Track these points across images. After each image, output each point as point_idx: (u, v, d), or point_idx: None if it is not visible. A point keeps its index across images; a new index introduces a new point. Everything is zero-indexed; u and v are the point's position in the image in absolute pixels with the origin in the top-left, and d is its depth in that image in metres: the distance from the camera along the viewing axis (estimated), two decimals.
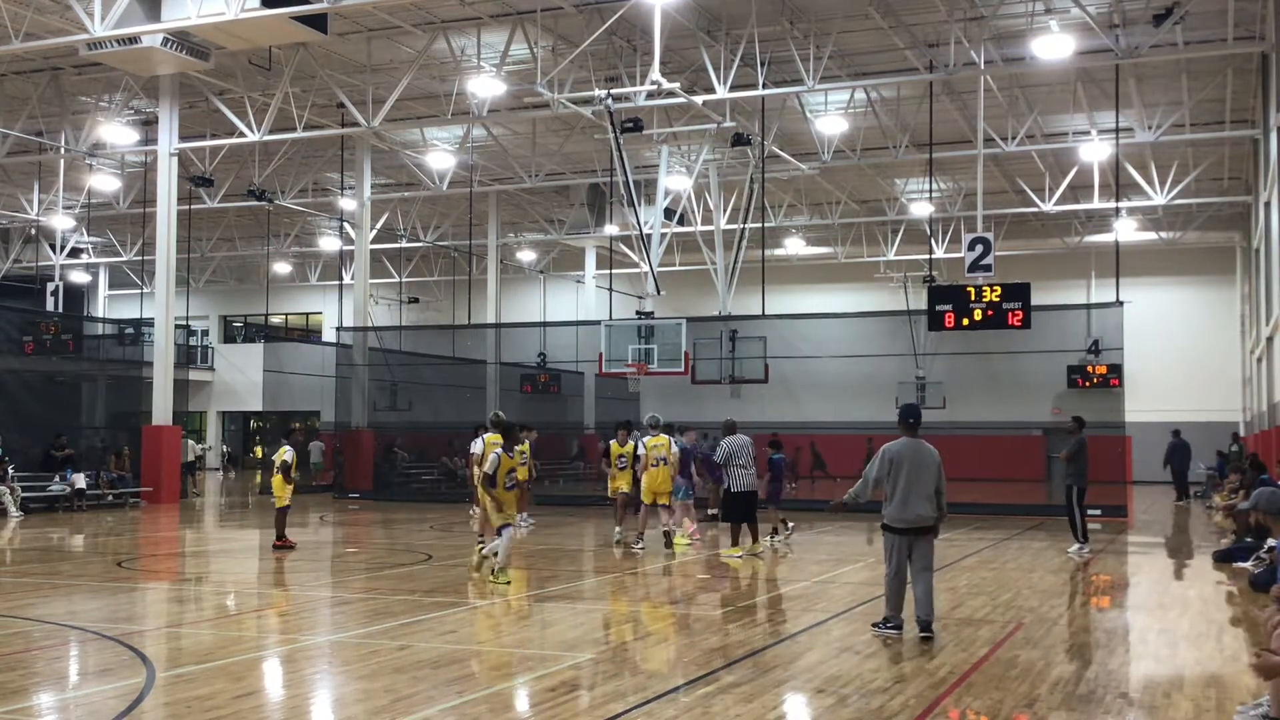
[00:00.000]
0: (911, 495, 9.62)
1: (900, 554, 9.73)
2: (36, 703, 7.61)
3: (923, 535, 9.76)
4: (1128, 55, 22.05)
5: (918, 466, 9.66)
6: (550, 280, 45.60)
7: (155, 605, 12.53)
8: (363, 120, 26.23)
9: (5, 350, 28.03)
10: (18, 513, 23.39)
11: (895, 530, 9.71)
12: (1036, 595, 12.72)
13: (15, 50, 22.55)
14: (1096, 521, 22.79)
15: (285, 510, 17.19)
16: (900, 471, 9.63)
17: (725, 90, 23.60)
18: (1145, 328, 35.61)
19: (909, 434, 9.85)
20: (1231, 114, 28.56)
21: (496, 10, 23.55)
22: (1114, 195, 28.39)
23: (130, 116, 30.43)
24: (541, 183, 34.65)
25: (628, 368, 26.48)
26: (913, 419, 9.92)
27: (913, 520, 9.67)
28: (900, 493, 9.62)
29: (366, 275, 34.65)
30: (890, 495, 9.67)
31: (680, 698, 7.59)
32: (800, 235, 41.76)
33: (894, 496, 9.65)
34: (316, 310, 51.35)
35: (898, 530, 9.71)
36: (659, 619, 11.34)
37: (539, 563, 16.16)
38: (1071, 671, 8.60)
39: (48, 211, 35.95)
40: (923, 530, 9.74)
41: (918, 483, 9.64)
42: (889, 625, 9.88)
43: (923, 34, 24.16)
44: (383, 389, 34.20)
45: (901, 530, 9.69)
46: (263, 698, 7.90)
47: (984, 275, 22.50)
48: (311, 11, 19.47)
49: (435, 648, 9.30)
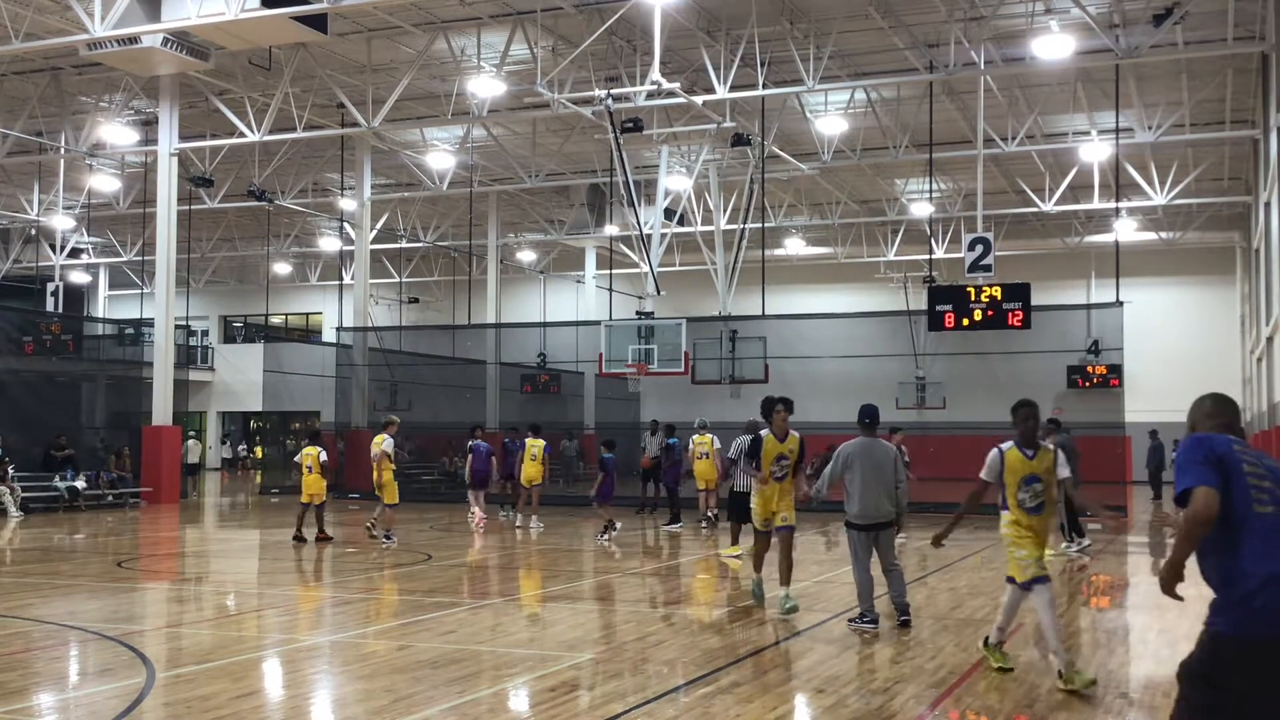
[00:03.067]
0: (870, 493, 10.05)
1: (865, 549, 10.18)
2: (36, 703, 7.61)
3: (885, 530, 10.22)
4: (1128, 55, 22.05)
5: (875, 464, 10.11)
6: (550, 280, 45.59)
7: (155, 605, 12.54)
8: (363, 120, 26.23)
9: (5, 350, 28.03)
10: (18, 513, 23.40)
11: (858, 527, 10.15)
12: None
13: (15, 50, 22.56)
14: (1096, 522, 22.80)
15: (322, 506, 18.20)
16: (856, 470, 10.06)
17: (725, 90, 23.60)
18: (1145, 328, 35.59)
19: (866, 433, 10.31)
20: (1231, 114, 28.56)
21: (496, 10, 23.55)
22: (1114, 195, 28.38)
23: (130, 116, 30.43)
24: (541, 183, 34.65)
25: (628, 368, 26.48)
26: (869, 419, 10.36)
27: (874, 516, 10.09)
28: (860, 491, 10.06)
29: (366, 275, 34.65)
30: (850, 494, 10.12)
31: (680, 698, 7.59)
32: (800, 235, 41.76)
33: (854, 495, 10.09)
34: (316, 310, 51.35)
35: (861, 527, 10.15)
36: (659, 619, 11.34)
37: (539, 563, 16.17)
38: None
39: (48, 212, 35.94)
40: (884, 525, 10.19)
41: (876, 480, 10.06)
42: (865, 620, 10.17)
43: (923, 34, 24.16)
44: (383, 389, 34.19)
45: (864, 526, 10.14)
46: (263, 698, 7.90)
47: (984, 275, 22.49)
48: (311, 11, 19.48)
49: (435, 648, 9.30)
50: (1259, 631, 3.89)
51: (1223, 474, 4.06)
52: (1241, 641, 3.91)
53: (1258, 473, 4.09)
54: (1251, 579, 3.92)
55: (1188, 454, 4.15)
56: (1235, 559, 3.99)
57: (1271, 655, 3.87)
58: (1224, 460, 4.08)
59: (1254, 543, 3.98)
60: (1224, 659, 3.95)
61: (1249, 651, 3.89)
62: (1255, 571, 3.93)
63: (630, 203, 28.67)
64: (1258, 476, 4.08)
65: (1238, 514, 4.01)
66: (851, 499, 10.09)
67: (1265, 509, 4.01)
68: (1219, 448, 4.14)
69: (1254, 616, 3.89)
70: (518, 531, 20.40)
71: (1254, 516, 4.01)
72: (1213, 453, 4.11)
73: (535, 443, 21.16)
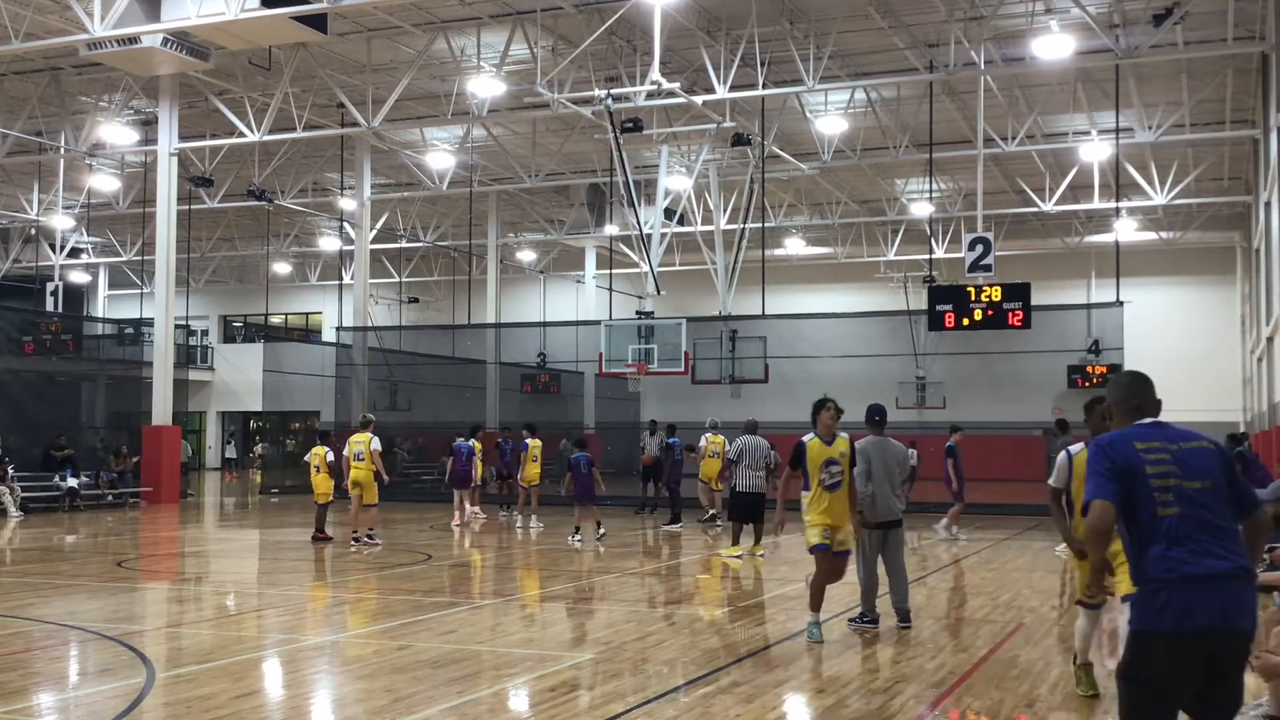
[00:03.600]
0: (884, 491, 10.02)
1: (874, 549, 10.08)
2: (36, 703, 7.61)
3: (894, 529, 10.13)
4: (1128, 55, 22.04)
5: (887, 463, 10.07)
6: (550, 280, 45.59)
7: (155, 605, 12.54)
8: (363, 120, 26.23)
9: (5, 350, 28.03)
10: (18, 513, 23.40)
11: (869, 525, 10.03)
12: (1036, 595, 12.72)
13: (15, 50, 22.54)
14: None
15: (325, 506, 18.12)
16: (869, 469, 9.99)
17: (725, 90, 23.59)
18: (1145, 328, 35.57)
19: (875, 431, 10.22)
20: (1231, 114, 28.56)
21: (496, 10, 23.55)
22: (1114, 195, 28.39)
23: (130, 116, 30.43)
24: (541, 183, 34.64)
25: (628, 368, 26.46)
26: (879, 417, 10.28)
27: (885, 515, 10.03)
28: (873, 489, 9.98)
29: (366, 275, 34.65)
30: (863, 491, 9.99)
31: (680, 698, 7.59)
32: (800, 235, 41.76)
33: (866, 492, 9.98)
34: (316, 310, 51.34)
35: (871, 525, 10.03)
36: (659, 619, 11.34)
37: (539, 562, 16.17)
38: (1072, 671, 8.59)
39: (48, 211, 35.93)
40: (895, 524, 10.12)
41: (888, 479, 10.04)
42: (865, 620, 10.15)
43: (923, 34, 24.15)
44: (383, 389, 34.19)
45: (875, 525, 10.03)
46: (263, 698, 7.89)
47: (984, 275, 22.49)
48: (311, 11, 19.47)
49: (435, 648, 9.29)
50: (1166, 626, 4.13)
51: (1125, 483, 4.25)
52: (1154, 636, 4.16)
53: (1161, 472, 4.25)
54: (1159, 579, 4.15)
55: (1092, 464, 4.35)
56: (1144, 561, 4.22)
57: (1182, 648, 4.13)
58: (1128, 467, 4.26)
59: (1159, 545, 4.18)
60: (1143, 655, 4.21)
61: (1163, 647, 4.15)
62: (1161, 571, 4.16)
63: (630, 203, 28.66)
64: (1161, 476, 4.24)
65: (1143, 518, 4.23)
66: (863, 497, 10.01)
67: (1169, 510, 4.20)
68: (1122, 455, 4.30)
69: (1162, 613, 4.13)
70: (517, 531, 20.40)
71: (1158, 520, 4.20)
72: (1115, 463, 4.28)
73: (535, 443, 21.17)
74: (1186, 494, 4.21)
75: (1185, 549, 4.15)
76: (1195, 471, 4.27)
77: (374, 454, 17.30)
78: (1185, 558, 4.14)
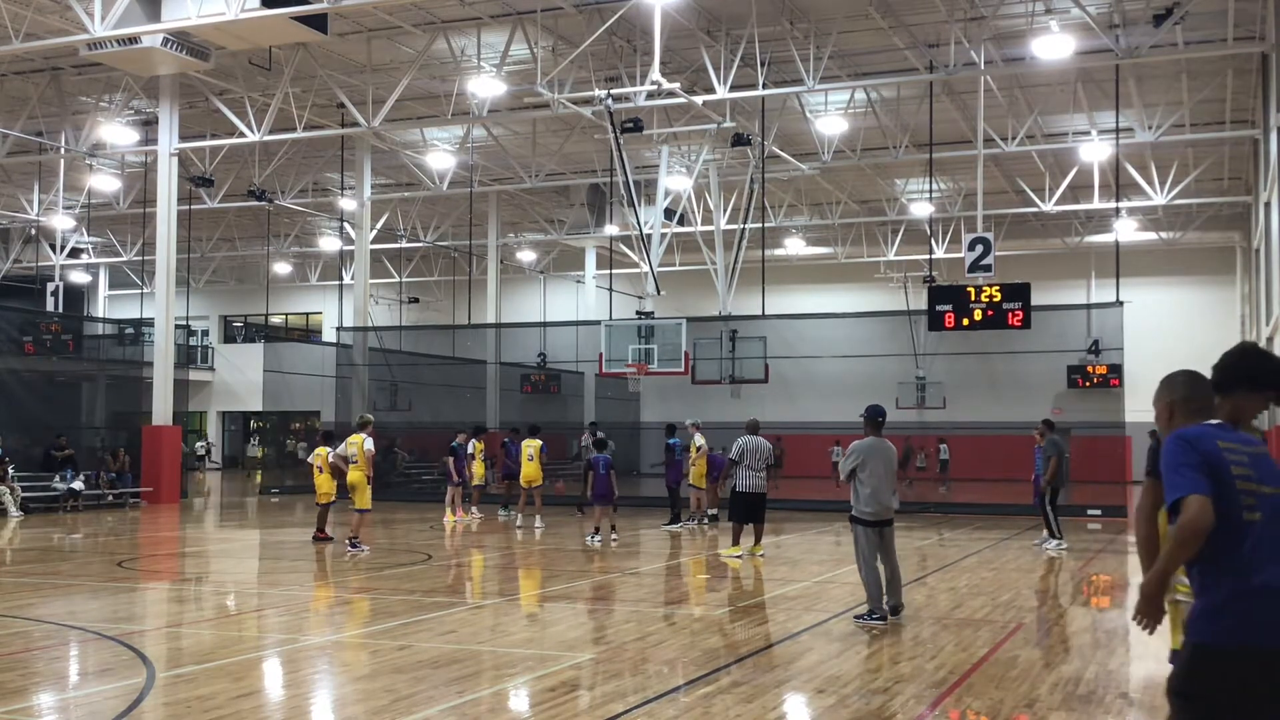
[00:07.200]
0: (881, 489, 10.45)
1: (872, 546, 10.43)
2: (36, 703, 7.61)
3: (889, 526, 10.60)
4: (1128, 55, 22.05)
5: (884, 462, 10.51)
6: (550, 280, 45.60)
7: (155, 605, 12.54)
8: (363, 120, 26.23)
9: (5, 350, 28.03)
10: (18, 513, 23.40)
11: (867, 522, 10.45)
12: (1036, 595, 12.73)
13: (15, 50, 22.54)
14: (1096, 521, 22.82)
15: (327, 506, 18.18)
16: (869, 468, 10.42)
17: (725, 90, 23.59)
18: (1145, 328, 35.59)
19: (875, 432, 10.65)
20: (1231, 114, 28.57)
21: (496, 10, 23.55)
22: (1114, 195, 28.38)
23: (130, 116, 30.44)
24: (541, 183, 34.63)
25: (628, 368, 26.47)
26: (880, 417, 10.72)
27: (882, 512, 10.47)
28: (871, 487, 10.41)
29: (366, 275, 34.65)
30: (861, 491, 10.44)
31: (680, 698, 7.59)
32: (800, 235, 41.75)
33: (867, 491, 10.42)
34: (316, 310, 51.37)
35: (869, 522, 10.45)
36: (659, 619, 11.34)
37: (539, 562, 16.17)
38: (1071, 671, 8.60)
39: (48, 211, 35.94)
40: (889, 522, 10.59)
41: (885, 477, 10.49)
42: (874, 616, 10.33)
43: (923, 34, 24.16)
44: (383, 389, 34.20)
45: (873, 522, 10.45)
46: (263, 698, 7.89)
47: (984, 275, 22.50)
48: (311, 11, 19.47)
49: (435, 648, 9.30)
50: (1240, 641, 3.72)
51: (1214, 479, 3.80)
52: (1222, 652, 3.74)
53: (1245, 474, 3.85)
54: (1237, 589, 3.76)
55: (1177, 456, 3.87)
56: (1220, 569, 3.81)
57: (1253, 666, 3.71)
58: (1217, 464, 3.83)
59: (1241, 552, 3.78)
60: (1204, 672, 3.77)
61: (1231, 663, 3.72)
62: (1240, 583, 3.76)
63: (630, 203, 28.66)
64: (1245, 479, 3.84)
65: (1228, 522, 3.79)
66: (862, 495, 10.44)
67: (1254, 515, 3.80)
68: (1208, 449, 3.86)
69: (1235, 627, 3.73)
70: (518, 531, 20.41)
71: (1243, 525, 3.79)
72: (1203, 457, 3.84)
73: (532, 443, 21.17)
74: (1267, 499, 3.84)
75: (1267, 557, 3.77)
76: (1270, 476, 3.90)
77: (366, 455, 17.22)
78: (1270, 567, 3.77)
